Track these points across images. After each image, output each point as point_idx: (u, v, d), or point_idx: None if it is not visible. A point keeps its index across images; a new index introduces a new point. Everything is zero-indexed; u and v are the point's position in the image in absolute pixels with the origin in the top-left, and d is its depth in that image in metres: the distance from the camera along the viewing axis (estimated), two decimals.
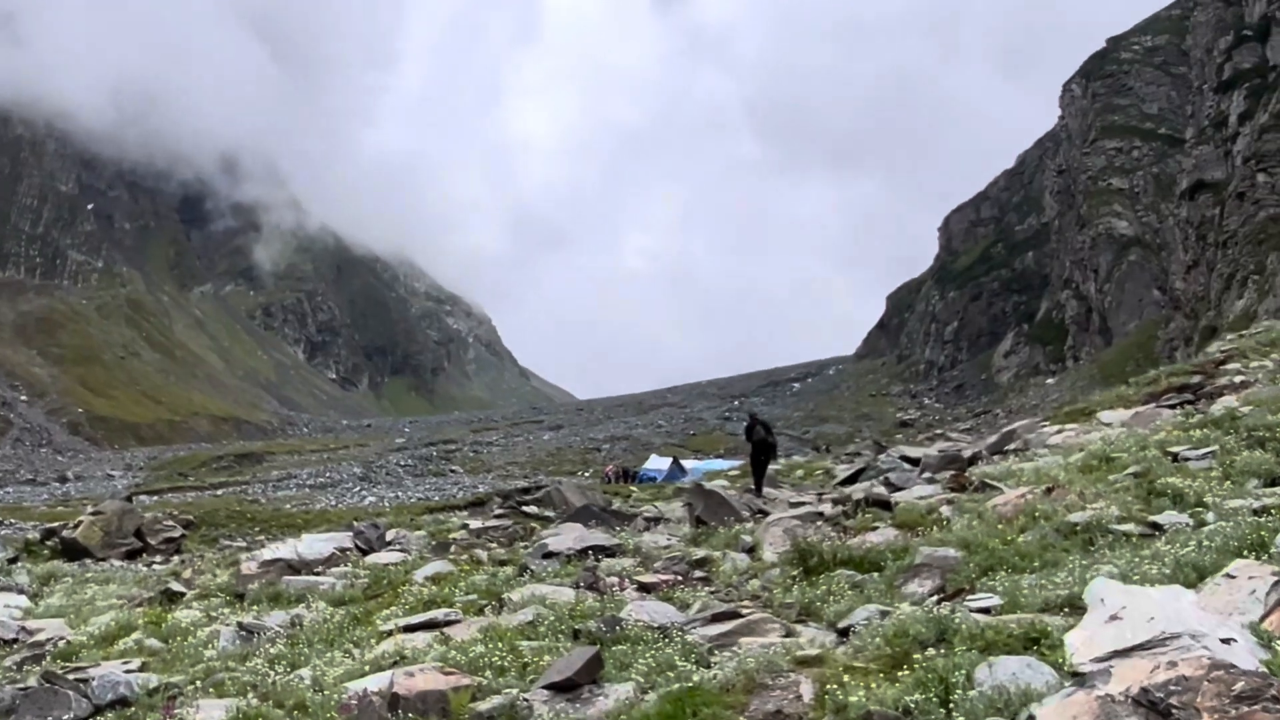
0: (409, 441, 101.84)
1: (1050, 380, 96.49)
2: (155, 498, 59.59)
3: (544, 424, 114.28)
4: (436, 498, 52.61)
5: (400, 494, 59.83)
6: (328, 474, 73.47)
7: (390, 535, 21.19)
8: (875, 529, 12.57)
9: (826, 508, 14.41)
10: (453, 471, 76.54)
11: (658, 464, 61.35)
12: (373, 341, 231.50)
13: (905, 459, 21.42)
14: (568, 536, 14.81)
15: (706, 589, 11.67)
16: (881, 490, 15.97)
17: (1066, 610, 7.42)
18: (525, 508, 24.84)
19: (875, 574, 10.47)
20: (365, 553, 16.68)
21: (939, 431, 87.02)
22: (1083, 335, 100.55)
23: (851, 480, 21.79)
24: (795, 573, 11.25)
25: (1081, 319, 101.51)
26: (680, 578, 12.39)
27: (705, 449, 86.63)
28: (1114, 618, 6.84)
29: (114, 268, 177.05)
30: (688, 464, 60.77)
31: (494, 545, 17.05)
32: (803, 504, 18.54)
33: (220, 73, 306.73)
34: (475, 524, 22.45)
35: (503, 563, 14.79)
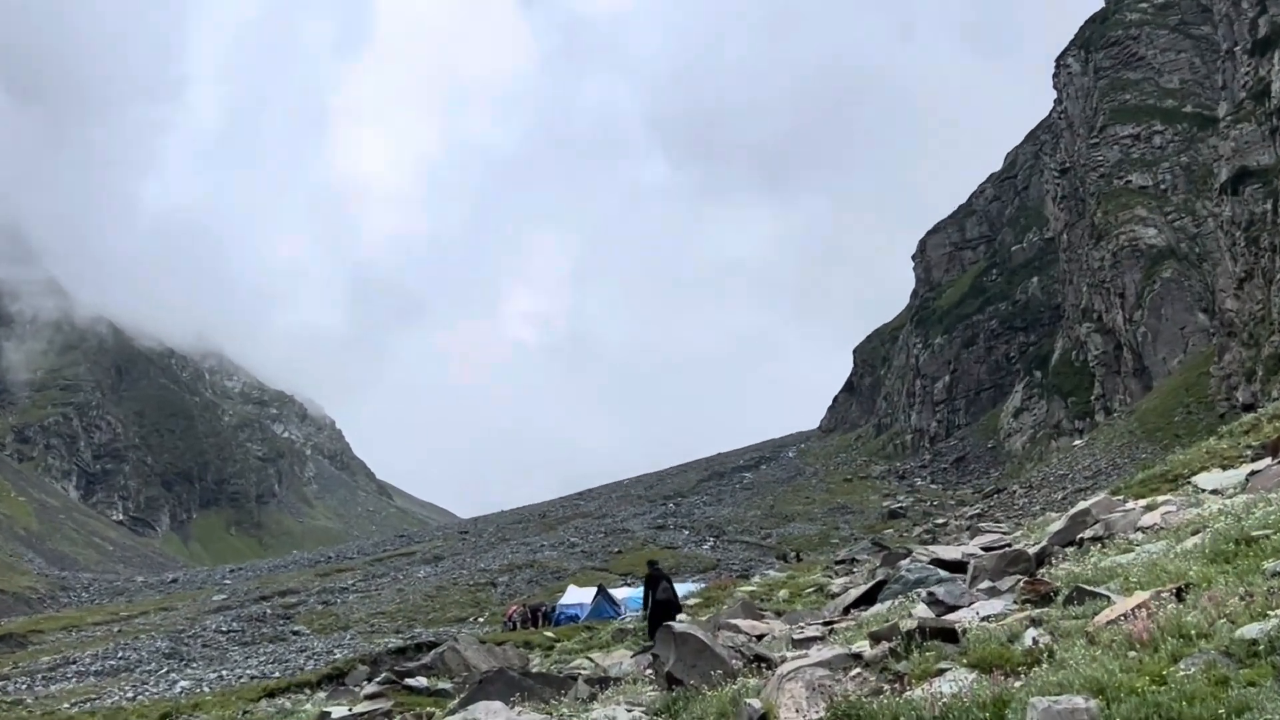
0: (232, 598, 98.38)
1: (1078, 442, 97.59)
2: None
3: (416, 556, 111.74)
4: (278, 673, 50.80)
5: (226, 672, 57.83)
6: (121, 654, 70.17)
7: None
8: (942, 672, 11.34)
9: (863, 646, 13.12)
10: (296, 634, 73.94)
11: (578, 597, 60.25)
12: (173, 465, 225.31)
13: (939, 563, 20.36)
14: None
15: None
16: (927, 612, 14.81)
17: None
18: (410, 679, 23.23)
19: None
20: None
21: (941, 521, 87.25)
22: (1113, 380, 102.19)
23: (868, 600, 20.62)
24: None
25: (1109, 359, 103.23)
26: None
27: (637, 570, 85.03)
28: None
29: None
30: (618, 594, 59.47)
31: None
32: (811, 639, 17.26)
33: None
34: (340, 711, 20.69)
35: None
